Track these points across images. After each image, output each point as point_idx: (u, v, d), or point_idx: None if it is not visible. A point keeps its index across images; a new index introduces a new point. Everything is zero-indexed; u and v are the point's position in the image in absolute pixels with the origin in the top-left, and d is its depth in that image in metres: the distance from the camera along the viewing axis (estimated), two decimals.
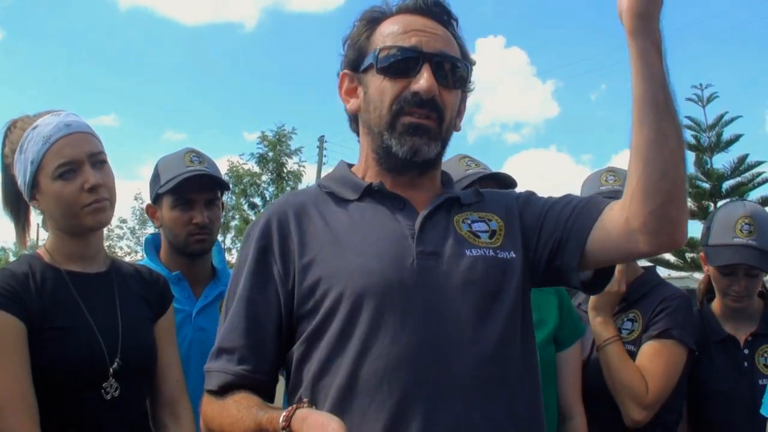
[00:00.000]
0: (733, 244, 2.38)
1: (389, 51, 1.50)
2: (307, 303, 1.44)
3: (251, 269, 1.50)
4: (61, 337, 1.84)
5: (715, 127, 18.46)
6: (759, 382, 2.29)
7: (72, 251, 1.97)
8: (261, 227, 1.53)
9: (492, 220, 1.56)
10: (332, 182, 1.61)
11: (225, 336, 1.48)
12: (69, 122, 1.94)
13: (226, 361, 1.46)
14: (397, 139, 1.49)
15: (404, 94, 1.48)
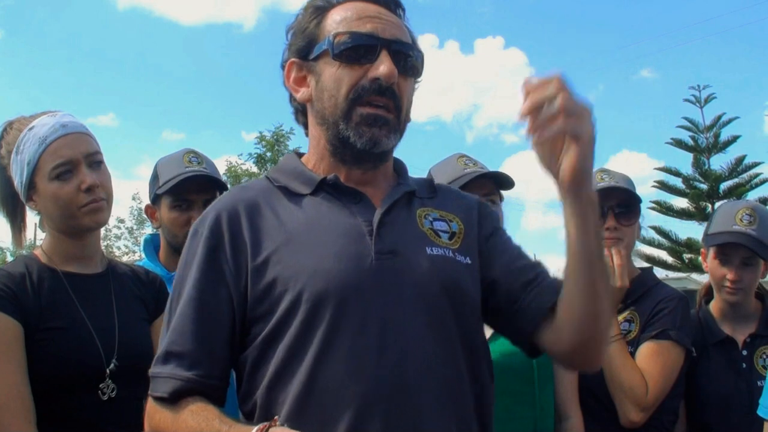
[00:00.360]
0: (732, 231, 2.40)
1: (345, 37, 1.44)
2: (261, 305, 1.37)
3: (201, 269, 1.41)
4: (58, 337, 1.84)
5: (712, 128, 18.53)
6: (757, 383, 2.29)
7: (69, 252, 1.97)
8: (210, 224, 1.44)
9: (453, 221, 1.53)
10: (283, 175, 1.53)
11: (174, 339, 1.39)
12: (65, 123, 1.94)
13: (175, 365, 1.36)
14: (354, 129, 1.43)
15: (362, 82, 1.42)
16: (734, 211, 2.45)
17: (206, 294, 1.39)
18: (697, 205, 18.17)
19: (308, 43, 1.49)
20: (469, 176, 2.10)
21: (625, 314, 2.35)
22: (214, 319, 1.38)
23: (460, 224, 1.53)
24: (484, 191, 2.13)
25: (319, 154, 1.53)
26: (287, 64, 1.53)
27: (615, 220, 2.34)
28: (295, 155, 1.60)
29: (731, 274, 2.40)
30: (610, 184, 2.37)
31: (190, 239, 1.47)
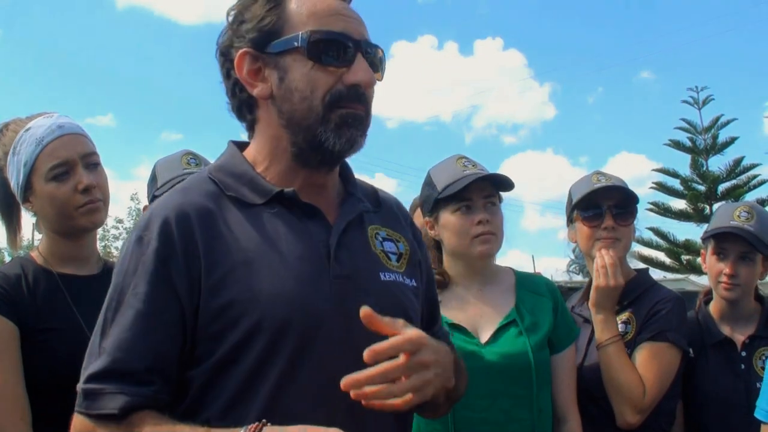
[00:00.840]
0: (730, 225, 2.43)
1: (321, 35, 1.35)
2: (214, 325, 1.28)
3: (150, 282, 1.28)
4: (53, 339, 1.84)
5: (710, 130, 18.57)
6: (756, 384, 2.28)
7: (65, 253, 1.97)
8: (159, 232, 1.31)
9: (400, 241, 1.51)
10: (232, 180, 1.40)
11: (120, 357, 1.26)
12: (62, 124, 1.94)
13: (123, 383, 1.24)
14: (334, 131, 1.35)
15: (338, 87, 1.35)
16: (732, 209, 2.48)
17: (157, 309, 1.28)
18: (695, 207, 18.19)
19: (267, 33, 1.37)
20: (469, 178, 2.09)
21: (621, 316, 2.35)
22: (166, 336, 1.28)
23: (405, 245, 1.51)
24: (484, 193, 2.12)
25: (275, 156, 1.42)
26: (239, 54, 1.38)
27: (613, 220, 2.34)
28: (239, 152, 1.46)
29: (728, 268, 2.41)
30: (607, 184, 2.37)
31: (134, 246, 1.33)
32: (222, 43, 1.44)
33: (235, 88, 1.43)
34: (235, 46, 1.40)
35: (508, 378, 2.03)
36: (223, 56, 1.43)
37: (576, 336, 2.24)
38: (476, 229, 2.09)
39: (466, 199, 2.11)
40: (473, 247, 2.11)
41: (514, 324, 2.09)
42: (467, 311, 2.14)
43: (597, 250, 2.32)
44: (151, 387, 1.25)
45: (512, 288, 2.18)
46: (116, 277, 1.33)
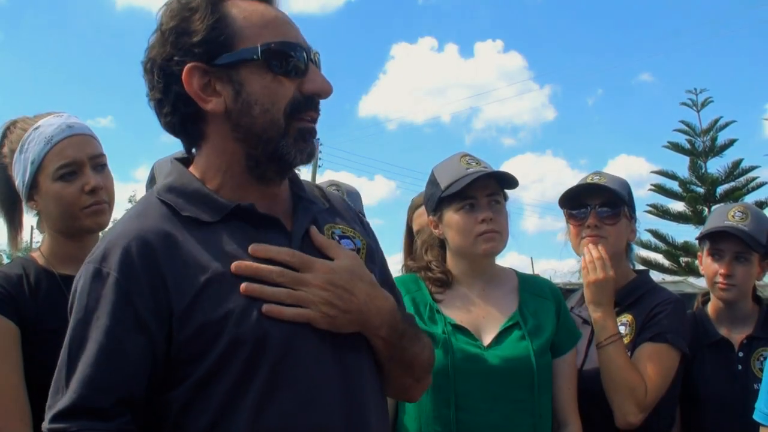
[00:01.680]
0: (724, 225, 2.45)
1: (278, 47, 1.33)
2: (189, 348, 1.25)
3: (114, 316, 1.24)
4: (54, 340, 1.82)
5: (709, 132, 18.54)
6: (753, 386, 2.29)
7: (67, 253, 1.97)
8: (119, 264, 1.26)
9: (356, 238, 1.51)
10: (185, 201, 1.36)
11: (85, 394, 1.22)
12: (71, 124, 1.95)
13: (91, 419, 1.21)
14: (295, 145, 1.35)
15: (296, 96, 1.34)
16: (727, 210, 2.50)
17: (122, 343, 1.23)
18: (694, 209, 18.16)
19: (214, 44, 1.32)
20: (472, 176, 2.08)
21: (621, 318, 2.35)
22: (133, 369, 1.24)
23: (361, 239, 1.51)
24: (487, 191, 2.11)
25: (227, 170, 1.39)
26: (187, 69, 1.32)
27: (596, 218, 2.36)
28: (186, 170, 1.43)
29: (723, 269, 2.42)
30: (593, 183, 2.40)
31: (92, 280, 1.27)
32: (156, 56, 1.36)
33: (178, 103, 1.36)
34: (176, 60, 1.33)
35: (510, 382, 2.02)
36: (161, 70, 1.35)
37: (578, 339, 2.23)
38: (480, 227, 2.08)
39: (469, 197, 2.10)
40: (477, 246, 2.09)
41: (517, 327, 2.08)
42: (470, 312, 2.13)
43: (583, 246, 2.35)
44: (120, 420, 1.22)
45: (515, 290, 2.18)
46: (77, 313, 1.28)
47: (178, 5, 1.35)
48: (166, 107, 1.38)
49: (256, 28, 1.34)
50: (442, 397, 2.01)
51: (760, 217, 2.47)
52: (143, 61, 1.39)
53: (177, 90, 1.34)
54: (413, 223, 2.82)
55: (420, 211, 2.75)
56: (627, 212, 2.40)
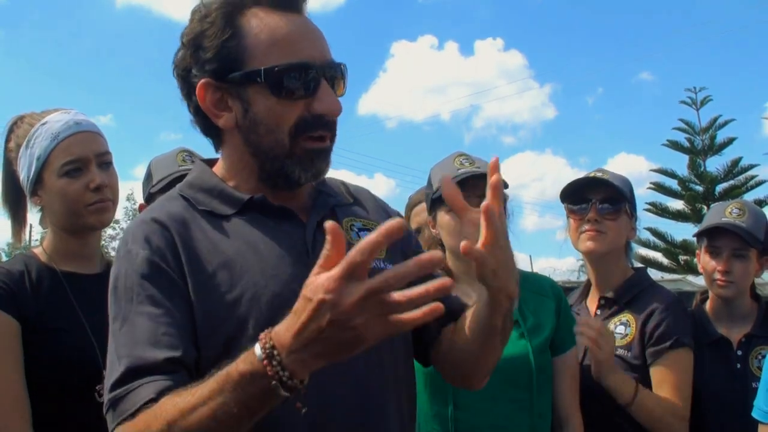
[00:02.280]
0: (721, 221, 2.45)
1: (283, 69, 1.32)
2: (204, 328, 1.28)
3: (150, 284, 1.28)
4: (55, 337, 1.84)
5: (708, 130, 18.53)
6: (752, 384, 2.29)
7: (69, 250, 1.98)
8: (143, 241, 1.32)
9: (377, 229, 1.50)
10: (203, 195, 1.41)
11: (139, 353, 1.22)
12: (79, 121, 1.96)
13: (149, 374, 1.21)
14: (299, 165, 1.36)
15: (304, 116, 1.34)
16: (724, 207, 2.51)
17: (165, 306, 1.26)
18: (693, 207, 18.15)
19: (225, 61, 1.35)
20: (459, 177, 2.08)
21: (620, 317, 2.36)
22: (180, 328, 1.26)
23: None
24: (478, 192, 2.08)
25: (243, 177, 1.43)
26: (200, 85, 1.36)
27: (597, 213, 2.36)
28: (208, 168, 1.48)
29: (721, 265, 2.42)
30: (595, 177, 2.40)
31: (123, 262, 1.32)
32: (179, 64, 1.41)
33: (198, 112, 1.41)
34: (194, 74, 1.37)
35: (508, 381, 2.02)
36: (182, 79, 1.41)
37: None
38: None
39: None
40: None
41: (516, 325, 2.07)
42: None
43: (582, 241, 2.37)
44: (177, 374, 1.21)
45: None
46: (114, 296, 1.32)
47: (198, 16, 1.37)
48: (190, 113, 1.44)
49: (263, 46, 1.34)
50: (440, 396, 2.01)
51: (757, 214, 2.48)
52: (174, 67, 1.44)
53: (195, 101, 1.39)
54: (411, 221, 2.82)
55: (417, 209, 2.76)
56: (628, 209, 2.40)
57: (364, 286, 1.00)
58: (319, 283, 1.02)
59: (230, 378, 1.08)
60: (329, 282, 1.01)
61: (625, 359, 2.29)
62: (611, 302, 2.41)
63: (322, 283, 1.02)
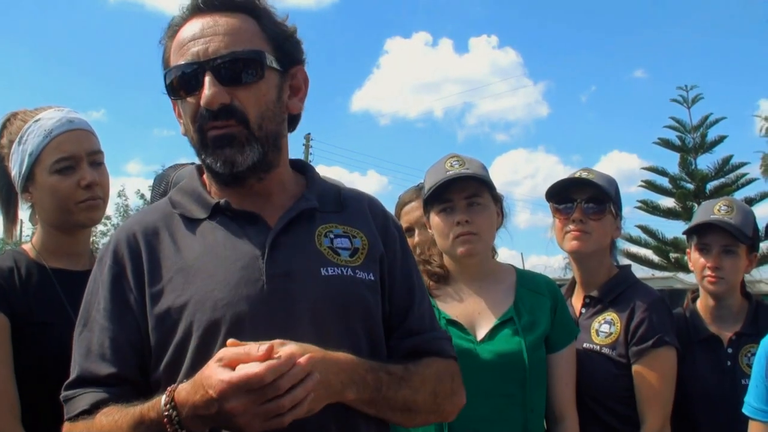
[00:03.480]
0: (710, 218, 2.46)
1: (171, 74, 1.44)
2: (156, 333, 1.38)
3: (107, 297, 1.42)
4: (44, 333, 1.83)
5: (699, 128, 18.65)
6: (742, 381, 2.31)
7: (59, 247, 1.98)
8: (112, 251, 1.46)
9: (356, 237, 1.51)
10: (183, 197, 1.53)
11: (87, 366, 1.40)
12: (72, 118, 1.97)
13: (90, 386, 1.38)
14: (211, 155, 1.42)
15: (199, 111, 1.41)
16: (713, 204, 2.52)
17: (115, 322, 1.40)
18: (684, 205, 18.26)
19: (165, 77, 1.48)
20: (446, 179, 2.11)
21: (605, 315, 2.37)
22: (125, 346, 1.39)
23: (364, 240, 1.51)
24: (465, 194, 2.12)
25: (208, 177, 1.54)
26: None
27: (582, 213, 2.37)
28: (197, 173, 1.58)
29: (711, 262, 2.43)
30: (581, 177, 2.41)
31: (96, 267, 1.49)
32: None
33: None
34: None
35: (502, 377, 2.04)
36: None
37: (575, 335, 2.25)
38: (456, 229, 2.11)
39: (446, 199, 2.13)
40: (454, 248, 2.12)
41: (511, 322, 2.09)
42: (465, 307, 2.15)
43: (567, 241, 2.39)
44: (118, 388, 1.37)
45: (513, 286, 2.19)
46: (85, 296, 1.48)
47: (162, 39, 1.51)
48: None
49: (166, 59, 1.48)
50: None
51: (745, 210, 2.49)
52: None
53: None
54: (401, 220, 2.82)
55: (407, 208, 2.76)
56: (613, 209, 2.41)
57: (250, 397, 1.16)
58: (216, 378, 1.17)
59: (143, 419, 1.26)
60: (222, 384, 1.16)
61: (610, 357, 2.30)
62: (596, 301, 2.42)
63: (218, 380, 1.16)
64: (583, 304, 2.47)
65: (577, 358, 2.29)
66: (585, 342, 2.35)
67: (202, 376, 1.20)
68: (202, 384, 1.19)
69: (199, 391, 1.20)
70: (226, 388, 1.16)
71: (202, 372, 1.21)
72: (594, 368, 2.31)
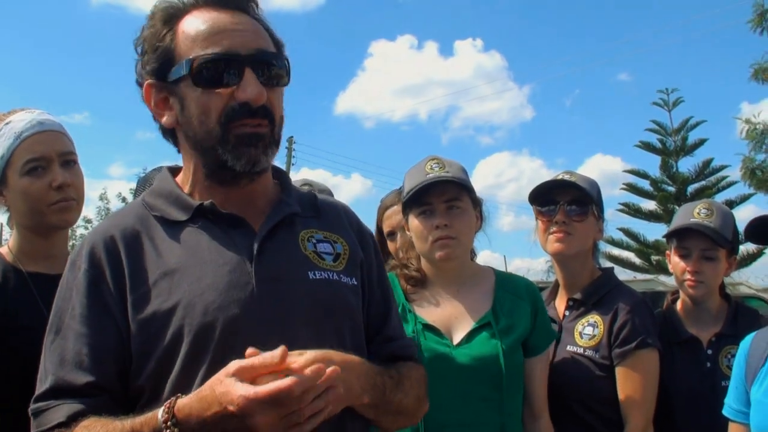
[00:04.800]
0: (690, 222, 2.46)
1: (203, 60, 1.36)
2: (141, 339, 1.32)
3: (84, 303, 1.34)
4: (21, 336, 1.82)
5: (680, 131, 18.79)
6: (721, 383, 2.32)
7: (35, 250, 1.96)
8: (87, 255, 1.38)
9: (337, 242, 1.53)
10: (159, 201, 1.46)
11: (62, 375, 1.31)
12: (42, 120, 1.96)
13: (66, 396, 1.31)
14: (232, 152, 1.38)
15: (231, 105, 1.37)
16: (692, 207, 2.52)
17: (94, 328, 1.33)
18: (665, 208, 18.40)
19: (164, 62, 1.40)
20: (425, 183, 2.10)
21: (588, 318, 2.38)
22: (105, 353, 1.32)
23: (344, 245, 1.53)
24: (444, 197, 2.11)
25: (195, 176, 1.47)
26: (146, 86, 1.43)
27: (565, 215, 2.38)
28: (169, 174, 1.53)
29: (691, 266, 2.44)
30: (563, 179, 2.42)
31: (68, 272, 1.41)
32: (136, 70, 1.47)
33: (154, 116, 1.47)
34: (142, 77, 1.44)
35: (479, 381, 2.03)
36: (139, 85, 1.47)
37: (553, 339, 2.26)
38: (435, 233, 2.10)
39: (426, 203, 2.12)
40: (433, 252, 2.12)
41: (488, 326, 2.08)
42: (443, 311, 2.14)
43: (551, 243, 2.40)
44: (95, 399, 1.30)
45: (491, 289, 2.18)
46: (56, 302, 1.39)
47: (144, 26, 1.44)
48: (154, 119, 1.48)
49: (189, 41, 1.39)
50: None
51: (725, 214, 2.50)
52: None
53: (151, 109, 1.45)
54: (383, 224, 2.81)
55: (389, 212, 2.75)
56: (595, 211, 2.42)
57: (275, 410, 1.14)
58: (237, 394, 1.13)
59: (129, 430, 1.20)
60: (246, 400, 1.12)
61: (593, 360, 2.31)
62: (579, 303, 2.43)
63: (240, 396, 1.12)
64: (566, 307, 2.48)
65: (561, 361, 2.31)
66: (569, 344, 2.36)
67: (217, 393, 1.16)
68: (217, 400, 1.15)
69: (213, 407, 1.16)
70: (251, 404, 1.12)
71: (214, 387, 1.17)
72: (578, 371, 2.32)
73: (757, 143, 16.57)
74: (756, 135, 16.52)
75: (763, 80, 16.23)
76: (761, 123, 16.62)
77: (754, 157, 16.66)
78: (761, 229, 2.20)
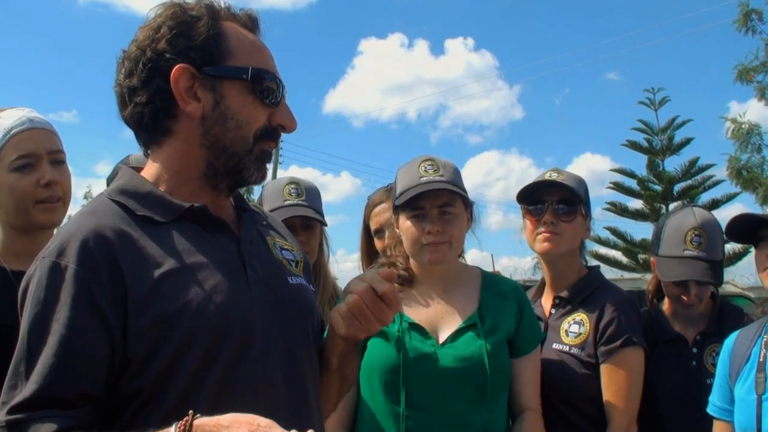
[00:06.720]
0: (684, 257, 2.41)
1: (265, 73, 1.43)
2: (145, 341, 1.26)
3: (74, 307, 1.25)
4: (4, 336, 1.80)
5: (666, 131, 18.86)
6: (707, 381, 2.34)
7: (20, 249, 1.95)
8: (77, 255, 1.27)
9: (294, 250, 1.62)
10: (139, 202, 1.40)
11: (46, 384, 1.21)
12: (32, 118, 1.96)
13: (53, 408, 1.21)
14: (255, 164, 1.45)
15: (266, 124, 1.44)
16: (683, 233, 2.44)
17: (83, 335, 1.24)
18: (652, 207, 18.47)
19: (208, 53, 1.40)
20: (419, 189, 2.08)
21: (574, 316, 2.39)
22: (93, 360, 1.25)
23: (299, 253, 1.62)
24: (438, 202, 2.11)
25: (184, 174, 1.44)
26: (179, 68, 1.38)
27: (553, 215, 2.39)
28: (136, 173, 1.47)
29: (688, 298, 2.43)
30: (552, 179, 2.42)
31: (50, 274, 1.27)
32: (146, 47, 1.41)
33: (156, 97, 1.40)
34: (167, 57, 1.39)
35: (462, 381, 2.03)
36: (149, 61, 1.40)
37: (540, 339, 2.26)
38: (426, 238, 2.09)
39: (418, 207, 2.11)
40: (423, 255, 2.12)
41: (474, 327, 2.08)
42: (429, 311, 2.14)
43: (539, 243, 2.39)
44: (82, 410, 1.23)
45: (477, 289, 2.19)
46: (34, 307, 1.26)
47: (180, 10, 1.43)
48: (141, 97, 1.41)
49: (246, 51, 1.44)
50: (393, 395, 2.02)
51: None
52: (126, 49, 1.44)
53: (159, 84, 1.39)
54: (370, 222, 2.81)
55: (377, 209, 2.75)
56: (583, 210, 2.43)
57: None
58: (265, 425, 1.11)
59: None
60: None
61: (579, 358, 2.32)
62: (565, 301, 2.44)
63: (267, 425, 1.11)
64: (552, 305, 2.49)
65: (546, 359, 2.31)
66: (554, 342, 2.37)
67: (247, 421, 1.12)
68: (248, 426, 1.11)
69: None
70: None
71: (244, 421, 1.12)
72: (563, 368, 2.33)
73: (743, 143, 16.68)
74: (741, 135, 16.63)
75: (747, 81, 16.35)
76: (747, 123, 16.74)
77: (739, 156, 16.78)
78: (741, 228, 2.21)
